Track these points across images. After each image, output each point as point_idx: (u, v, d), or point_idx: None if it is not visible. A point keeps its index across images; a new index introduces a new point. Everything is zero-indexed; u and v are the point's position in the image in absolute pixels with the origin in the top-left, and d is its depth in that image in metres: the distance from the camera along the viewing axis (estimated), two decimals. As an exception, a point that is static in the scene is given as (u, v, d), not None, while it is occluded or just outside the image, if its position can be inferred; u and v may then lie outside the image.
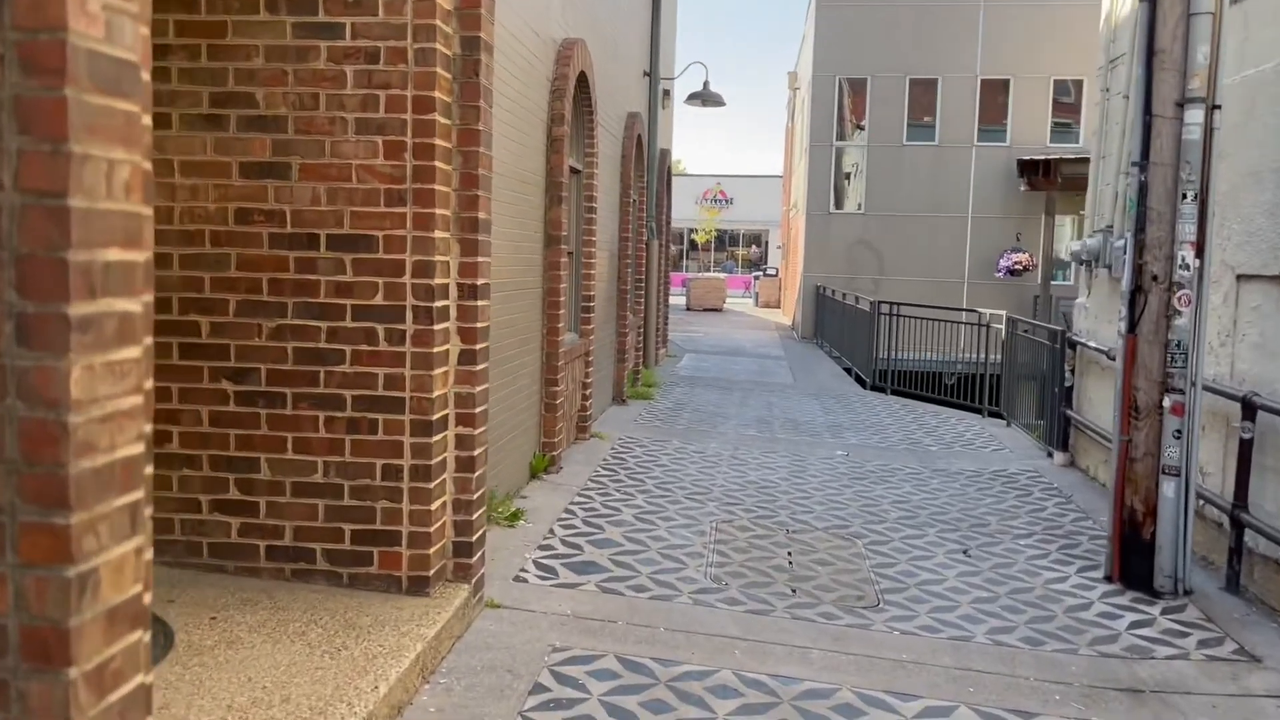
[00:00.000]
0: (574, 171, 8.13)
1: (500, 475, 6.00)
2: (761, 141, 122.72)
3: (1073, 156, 19.30)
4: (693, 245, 50.19)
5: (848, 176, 22.73)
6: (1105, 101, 8.08)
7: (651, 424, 9.73)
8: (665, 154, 14.87)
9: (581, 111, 8.14)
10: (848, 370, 15.96)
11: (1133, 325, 5.39)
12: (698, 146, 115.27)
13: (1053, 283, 20.21)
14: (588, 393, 8.45)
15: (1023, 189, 20.45)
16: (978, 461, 8.70)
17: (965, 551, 5.98)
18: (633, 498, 6.66)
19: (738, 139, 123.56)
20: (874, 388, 13.63)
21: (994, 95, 21.20)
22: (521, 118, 6.16)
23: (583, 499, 6.52)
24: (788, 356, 18.03)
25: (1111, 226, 7.58)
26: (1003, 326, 11.03)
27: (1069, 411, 8.34)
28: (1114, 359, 7.22)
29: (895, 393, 13.11)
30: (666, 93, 14.70)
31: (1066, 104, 21.09)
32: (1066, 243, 21.14)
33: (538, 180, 6.68)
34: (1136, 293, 5.37)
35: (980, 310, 12.08)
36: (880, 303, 13.85)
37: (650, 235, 12.89)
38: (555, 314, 7.03)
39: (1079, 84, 20.78)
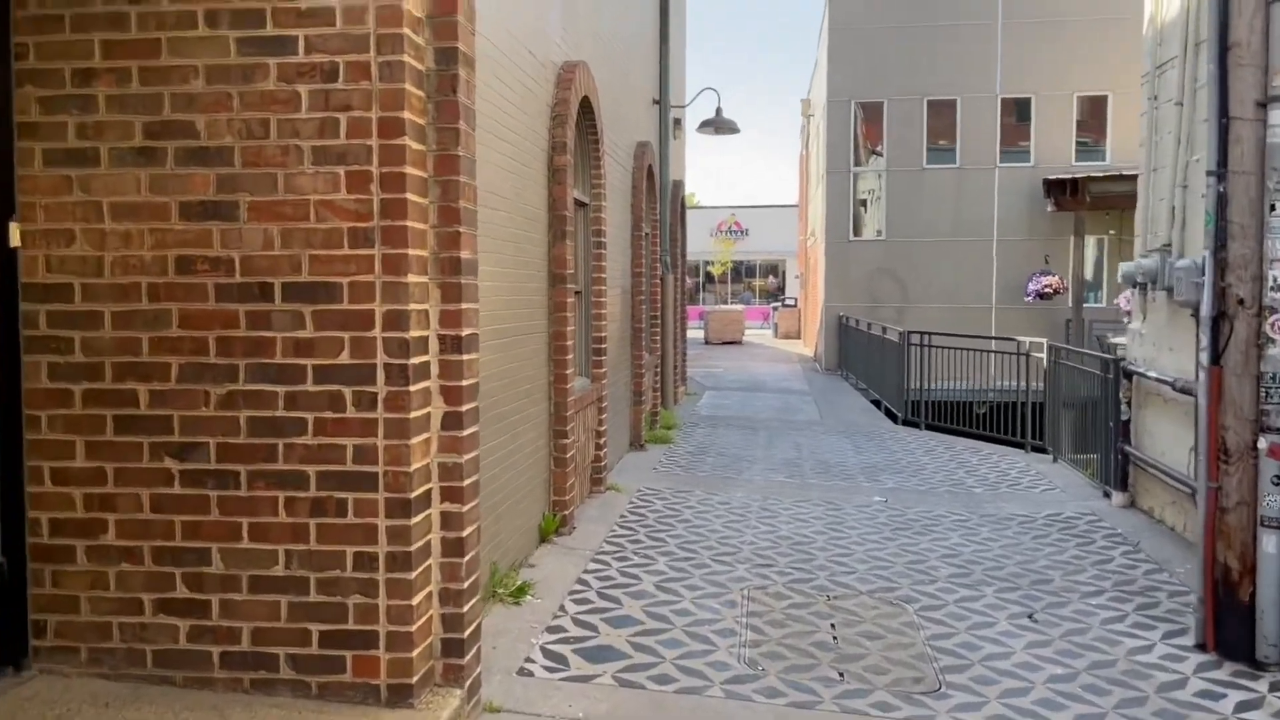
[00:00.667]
0: (580, 204, 7.56)
1: (503, 544, 5.38)
2: (776, 171, 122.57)
3: (1101, 174, 18.66)
4: (709, 278, 49.67)
5: (863, 203, 22.13)
6: (1154, 110, 7.45)
7: (672, 472, 9.08)
8: (678, 185, 14.33)
9: (586, 140, 7.59)
10: (876, 404, 15.27)
11: (1216, 356, 4.72)
12: (711, 178, 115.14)
13: (1085, 305, 19.47)
14: (601, 441, 7.83)
15: (1050, 210, 19.78)
16: (1029, 504, 7.99)
17: (1030, 616, 5.29)
18: (653, 561, 6.01)
19: (751, 170, 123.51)
20: (906, 423, 12.93)
21: (1016, 114, 20.60)
22: (519, 147, 5.60)
23: (598, 565, 5.87)
24: (812, 391, 17.35)
25: (1170, 245, 6.93)
26: (1044, 355, 10.33)
27: (1127, 447, 7.64)
28: (1181, 390, 6.55)
29: (930, 428, 12.41)
30: (678, 122, 14.18)
31: (1091, 121, 20.45)
32: (1091, 263, 20.42)
33: (539, 214, 6.10)
34: (1220, 319, 4.71)
35: (1019, 338, 11.39)
36: (910, 333, 13.18)
37: (665, 269, 12.31)
38: (563, 359, 6.43)
39: (1103, 100, 20.16)
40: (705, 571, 5.84)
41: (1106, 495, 8.03)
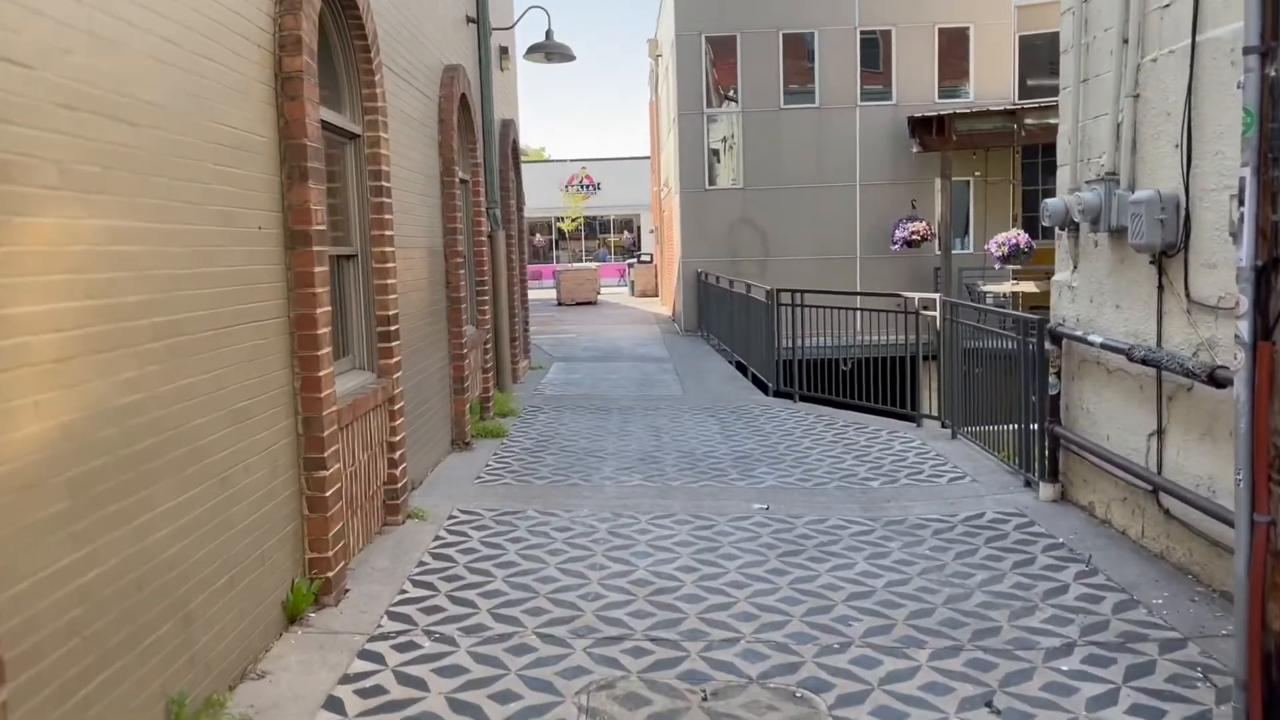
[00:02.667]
0: (345, 135, 5.53)
1: (202, 657, 3.42)
2: (626, 122, 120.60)
3: (967, 110, 17.56)
4: (561, 235, 47.61)
5: (719, 151, 20.53)
6: (1082, 4, 5.92)
7: (501, 480, 7.20)
8: (508, 124, 12.29)
9: (350, 43, 5.53)
10: (742, 368, 13.73)
11: (1267, 327, 3.16)
12: (558, 126, 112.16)
13: (954, 252, 18.45)
14: (398, 456, 5.88)
15: (915, 150, 18.61)
16: (939, 503, 6.48)
17: (989, 705, 3.69)
18: (453, 649, 4.14)
19: (600, 121, 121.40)
20: (778, 393, 11.39)
21: (876, 49, 19.30)
22: (193, 29, 3.56)
23: (366, 664, 3.96)
24: (672, 358, 15.69)
25: (1115, 174, 5.44)
26: (937, 314, 8.88)
27: (1057, 428, 6.20)
28: (1141, 360, 5.08)
29: (805, 399, 10.89)
30: (504, 50, 12.13)
31: (953, 60, 19.33)
32: (959, 207, 19.44)
33: (256, 142, 4.07)
34: (1269, 271, 3.15)
35: (905, 294, 9.93)
36: (780, 291, 11.59)
37: (494, 225, 10.33)
38: (313, 355, 4.44)
39: (964, 32, 19.06)
40: (528, 661, 4.01)
41: (1029, 485, 6.60)
